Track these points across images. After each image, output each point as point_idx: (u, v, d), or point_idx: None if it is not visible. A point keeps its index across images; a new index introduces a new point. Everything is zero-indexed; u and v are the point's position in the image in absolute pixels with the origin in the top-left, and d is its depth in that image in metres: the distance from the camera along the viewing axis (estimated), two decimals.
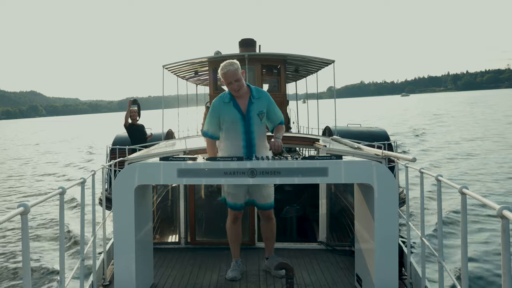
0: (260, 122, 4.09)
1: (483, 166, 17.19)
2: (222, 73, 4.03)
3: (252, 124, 4.05)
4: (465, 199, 2.68)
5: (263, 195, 4.22)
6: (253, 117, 4.05)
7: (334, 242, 5.27)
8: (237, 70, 4.02)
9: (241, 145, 4.05)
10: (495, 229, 8.97)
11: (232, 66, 4.01)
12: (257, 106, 4.07)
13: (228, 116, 4.07)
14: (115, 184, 3.62)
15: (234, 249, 4.43)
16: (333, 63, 9.55)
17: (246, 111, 4.05)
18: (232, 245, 4.43)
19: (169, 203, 5.85)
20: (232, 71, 3.99)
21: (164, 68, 9.75)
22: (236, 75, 4.00)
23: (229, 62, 4.06)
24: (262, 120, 4.11)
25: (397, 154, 4.66)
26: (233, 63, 4.04)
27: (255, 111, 4.06)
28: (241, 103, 4.07)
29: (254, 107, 4.06)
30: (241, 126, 4.05)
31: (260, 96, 4.11)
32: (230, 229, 4.38)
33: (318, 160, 3.55)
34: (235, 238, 4.41)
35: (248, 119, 4.05)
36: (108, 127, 57.86)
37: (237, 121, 4.05)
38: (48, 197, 2.77)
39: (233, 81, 4.00)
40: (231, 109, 4.06)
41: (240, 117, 4.05)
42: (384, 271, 3.47)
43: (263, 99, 4.11)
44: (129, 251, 3.59)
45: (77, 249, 8.73)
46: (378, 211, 3.46)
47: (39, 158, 30.50)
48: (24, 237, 2.15)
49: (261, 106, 4.08)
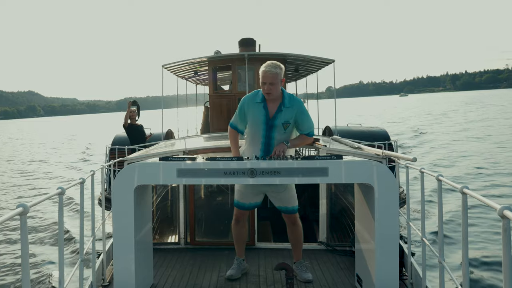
0: (283, 131, 3.96)
1: (483, 166, 17.19)
2: (263, 70, 3.91)
3: (274, 131, 3.95)
4: (465, 199, 2.68)
5: (283, 198, 4.11)
6: (277, 125, 3.93)
7: (335, 242, 5.26)
8: (278, 75, 3.89)
9: (259, 148, 3.98)
10: (496, 229, 8.97)
11: (275, 69, 3.89)
12: (285, 115, 3.93)
13: (253, 115, 3.97)
14: (115, 184, 3.61)
15: (237, 248, 4.43)
16: (333, 62, 9.53)
17: (272, 117, 3.94)
18: (236, 244, 4.43)
19: (169, 203, 5.83)
20: (272, 73, 3.87)
21: (164, 68, 9.73)
22: (275, 78, 3.87)
23: (274, 64, 3.94)
24: (286, 129, 3.97)
25: (398, 154, 4.65)
26: (277, 66, 3.93)
27: (281, 120, 3.93)
28: (271, 108, 3.95)
29: (281, 115, 3.93)
30: (263, 130, 3.96)
31: (292, 105, 3.95)
32: (233, 229, 4.38)
33: (318, 160, 3.54)
34: (237, 238, 4.40)
35: (272, 125, 3.94)
36: (107, 127, 57.85)
37: (260, 124, 3.95)
38: (47, 197, 2.76)
39: (268, 82, 3.87)
40: (259, 110, 3.95)
41: (264, 120, 3.94)
42: (384, 271, 3.46)
43: (293, 108, 3.95)
44: (128, 252, 3.57)
45: (76, 249, 8.70)
46: (378, 211, 3.45)
47: (39, 158, 30.45)
48: (23, 237, 2.14)
49: (289, 115, 3.94)
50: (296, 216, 4.22)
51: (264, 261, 4.81)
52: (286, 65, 10.41)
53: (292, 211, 4.17)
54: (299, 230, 4.27)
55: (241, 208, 4.25)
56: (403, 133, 31.98)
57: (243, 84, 9.49)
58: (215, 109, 9.92)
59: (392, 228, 3.47)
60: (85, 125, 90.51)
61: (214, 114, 9.91)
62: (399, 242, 3.87)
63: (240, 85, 9.78)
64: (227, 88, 12.39)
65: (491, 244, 8.31)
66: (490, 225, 9.42)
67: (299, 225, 4.26)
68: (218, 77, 10.84)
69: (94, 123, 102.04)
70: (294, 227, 4.25)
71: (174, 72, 10.90)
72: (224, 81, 12.72)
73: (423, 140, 28.07)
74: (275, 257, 4.86)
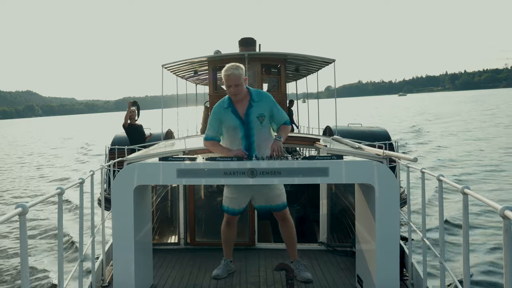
0: (260, 125, 4.00)
1: (484, 166, 17.16)
2: (225, 74, 3.96)
3: (251, 128, 3.98)
4: (466, 199, 2.67)
5: (272, 196, 4.11)
6: (253, 120, 3.97)
7: (335, 243, 5.24)
8: (241, 75, 3.94)
9: (242, 146, 3.99)
10: (497, 230, 8.95)
11: (237, 70, 3.93)
12: (257, 109, 3.98)
13: (227, 121, 4.02)
14: (114, 184, 3.60)
15: (225, 249, 4.45)
16: (334, 62, 9.51)
17: (244, 115, 3.98)
18: (224, 245, 4.43)
19: (169, 204, 5.81)
20: (235, 75, 3.91)
21: (163, 67, 9.71)
22: (238, 80, 3.92)
23: (235, 65, 3.98)
24: (263, 123, 4.00)
25: (398, 154, 4.64)
26: (238, 67, 3.96)
27: (254, 114, 3.97)
28: (240, 108, 4.00)
29: (253, 110, 3.97)
30: (241, 131, 3.99)
31: (261, 98, 4.02)
32: (223, 231, 4.37)
33: (318, 160, 3.52)
34: (227, 239, 4.40)
35: (247, 123, 3.97)
36: (106, 127, 57.80)
37: (236, 127, 3.99)
38: (46, 197, 2.75)
39: (233, 85, 3.92)
40: (230, 115, 4.00)
41: (239, 122, 3.98)
42: (385, 272, 3.45)
43: (263, 102, 4.01)
44: (128, 252, 3.56)
45: (75, 250, 8.69)
46: (379, 211, 3.44)
47: (37, 158, 30.38)
48: (22, 237, 2.13)
49: (261, 109, 3.99)
50: (286, 211, 4.21)
51: (264, 262, 4.79)
52: (286, 65, 10.39)
53: (281, 208, 4.16)
54: (291, 227, 4.24)
55: (232, 214, 4.25)
56: (395, 130, 31.90)
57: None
58: None
59: (393, 228, 3.46)
60: (83, 125, 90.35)
61: None
62: (399, 242, 3.86)
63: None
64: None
65: (492, 245, 8.29)
66: (491, 225, 9.40)
67: (290, 221, 4.23)
68: (218, 76, 10.82)
69: (93, 123, 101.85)
70: (285, 224, 4.22)
71: (174, 72, 10.88)
72: None
73: (422, 140, 28.05)
74: (275, 257, 4.84)
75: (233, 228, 4.38)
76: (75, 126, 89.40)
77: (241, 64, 4.06)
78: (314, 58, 9.85)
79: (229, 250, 4.44)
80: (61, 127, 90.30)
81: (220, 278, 4.26)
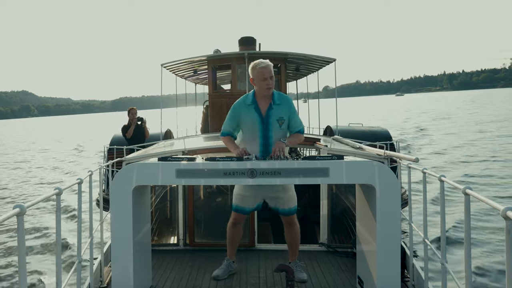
0: (279, 128, 3.98)
1: (486, 167, 17.13)
2: (261, 67, 3.93)
3: (270, 129, 3.96)
4: (468, 200, 2.65)
5: (284, 199, 4.07)
6: (272, 122, 3.95)
7: (336, 244, 5.21)
8: (272, 68, 3.98)
9: (258, 150, 3.95)
10: (500, 231, 8.92)
11: (269, 63, 3.98)
12: (277, 112, 3.97)
13: (247, 117, 3.99)
14: (113, 184, 3.57)
15: (229, 249, 4.40)
16: (334, 61, 9.46)
17: (265, 115, 3.96)
18: (229, 245, 4.39)
19: (168, 204, 5.77)
20: (270, 66, 3.95)
21: (163, 67, 9.66)
22: (272, 72, 3.95)
23: (264, 60, 4.01)
24: (282, 126, 3.99)
25: (400, 154, 4.62)
26: (268, 61, 4.00)
27: (275, 117, 3.96)
28: (262, 107, 3.98)
29: (273, 112, 3.96)
30: (259, 131, 3.97)
31: (281, 102, 4.00)
32: (229, 231, 4.32)
33: (319, 160, 3.50)
34: (232, 240, 4.35)
35: (267, 124, 3.96)
36: (103, 127, 57.64)
37: (256, 125, 3.97)
38: (44, 198, 2.74)
39: (269, 77, 3.91)
40: (252, 112, 3.98)
41: (259, 120, 3.96)
42: (386, 273, 3.42)
43: (284, 105, 4.00)
44: (127, 253, 3.53)
45: (74, 250, 8.65)
46: (380, 212, 3.41)
47: (34, 158, 30.24)
48: (20, 238, 2.12)
49: (281, 112, 3.97)
50: (294, 217, 4.17)
51: (264, 263, 4.76)
52: (287, 64, 10.35)
53: (290, 213, 4.11)
54: (297, 231, 4.22)
55: (241, 213, 4.20)
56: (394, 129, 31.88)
57: (243, 84, 9.42)
58: (214, 108, 9.86)
59: (394, 229, 3.43)
60: (81, 125, 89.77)
61: (213, 114, 9.84)
62: (401, 243, 3.83)
63: (240, 85, 9.72)
64: (226, 88, 12.33)
65: (495, 246, 8.26)
66: (493, 226, 9.36)
67: (296, 226, 4.21)
68: (218, 76, 10.78)
69: (90, 123, 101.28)
70: (291, 229, 4.20)
71: (173, 71, 10.84)
72: (224, 81, 12.66)
73: (420, 140, 28.05)
74: (275, 258, 4.81)
75: (240, 228, 4.33)
76: (70, 126, 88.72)
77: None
78: (315, 57, 9.79)
79: (233, 250, 4.40)
80: (59, 127, 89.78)
81: (220, 279, 4.23)
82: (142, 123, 9.42)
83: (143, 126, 9.46)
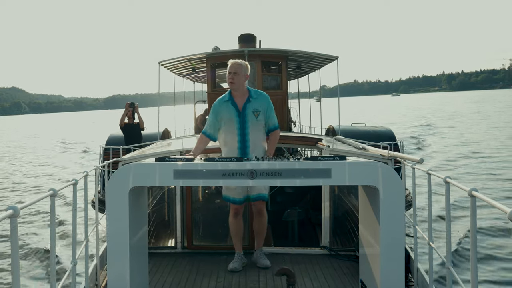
0: (255, 120, 4.31)
1: (489, 167, 17.06)
2: (230, 61, 4.34)
3: (247, 121, 4.29)
4: (474, 202, 2.59)
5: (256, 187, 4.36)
6: (248, 114, 4.29)
7: (338, 247, 5.14)
8: (241, 67, 4.29)
9: (236, 140, 4.28)
10: (506, 233, 8.83)
11: (241, 63, 4.32)
12: (253, 105, 4.32)
13: (225, 112, 4.33)
14: (109, 185, 3.48)
15: (235, 243, 4.62)
16: (337, 59, 9.32)
17: (242, 109, 4.31)
18: (234, 239, 4.61)
19: (165, 206, 5.68)
20: (238, 64, 4.29)
21: (160, 64, 9.54)
22: (238, 69, 4.27)
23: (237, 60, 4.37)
24: (258, 117, 4.31)
25: (404, 155, 4.55)
26: (243, 62, 4.35)
27: (250, 109, 4.30)
28: (239, 102, 4.34)
29: (250, 105, 4.31)
30: (236, 123, 4.29)
31: (258, 96, 4.37)
32: (231, 224, 4.56)
33: (321, 161, 3.41)
34: (236, 232, 4.58)
35: (243, 116, 4.29)
36: (99, 125, 57.46)
37: (232, 118, 4.30)
38: (38, 199, 2.70)
39: (232, 72, 4.26)
40: (229, 106, 4.33)
41: (235, 113, 4.30)
42: (389, 277, 3.34)
43: (260, 99, 4.36)
44: (123, 256, 3.44)
45: (68, 253, 8.54)
46: (383, 214, 3.33)
47: (29, 158, 30.03)
48: (13, 240, 2.07)
49: (257, 105, 4.32)
50: (263, 205, 4.56)
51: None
52: (288, 62, 10.19)
53: (261, 198, 4.47)
54: (265, 219, 4.62)
55: (238, 203, 4.46)
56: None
57: None
58: None
59: (398, 232, 3.35)
60: (74, 123, 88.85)
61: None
62: (405, 246, 3.74)
63: None
64: (226, 86, 12.23)
65: (501, 249, 8.19)
66: (499, 229, 9.23)
67: (265, 214, 4.60)
68: (217, 74, 10.66)
69: (82, 121, 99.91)
70: (260, 218, 4.57)
71: (170, 69, 10.72)
72: (223, 79, 12.53)
73: (420, 141, 28.01)
74: (276, 261, 4.73)
75: (240, 219, 4.60)
76: (67, 124, 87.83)
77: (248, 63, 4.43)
78: (317, 55, 9.62)
79: (239, 243, 4.62)
80: (52, 125, 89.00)
81: (237, 271, 4.39)
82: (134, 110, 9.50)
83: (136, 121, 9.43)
